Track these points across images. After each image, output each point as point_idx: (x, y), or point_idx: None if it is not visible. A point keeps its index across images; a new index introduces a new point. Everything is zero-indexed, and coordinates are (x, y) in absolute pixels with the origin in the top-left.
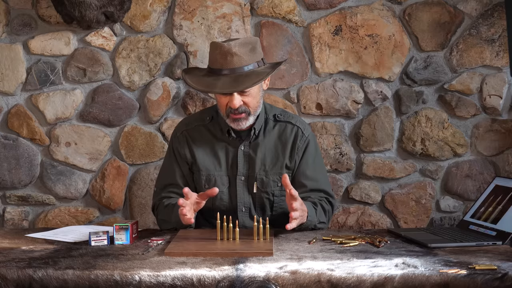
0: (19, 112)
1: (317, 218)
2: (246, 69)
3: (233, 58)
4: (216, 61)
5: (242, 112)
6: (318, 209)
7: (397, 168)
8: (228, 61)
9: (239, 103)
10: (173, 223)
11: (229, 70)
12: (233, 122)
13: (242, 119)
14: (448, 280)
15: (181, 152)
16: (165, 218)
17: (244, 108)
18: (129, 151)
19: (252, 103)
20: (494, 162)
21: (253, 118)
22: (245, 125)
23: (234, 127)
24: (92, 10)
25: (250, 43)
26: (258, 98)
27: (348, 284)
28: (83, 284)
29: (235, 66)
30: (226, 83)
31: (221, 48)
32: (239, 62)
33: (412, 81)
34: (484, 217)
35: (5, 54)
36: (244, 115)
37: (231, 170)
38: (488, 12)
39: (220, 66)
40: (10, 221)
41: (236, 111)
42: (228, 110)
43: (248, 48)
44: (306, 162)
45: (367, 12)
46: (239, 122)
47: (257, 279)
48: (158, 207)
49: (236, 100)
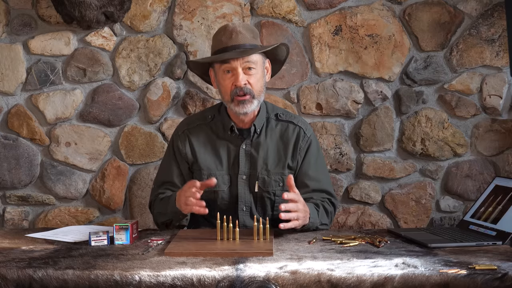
0: (19, 112)
1: (319, 219)
2: (249, 46)
3: (238, 36)
4: (221, 42)
5: (247, 94)
6: (320, 210)
7: (397, 168)
8: (233, 38)
9: (244, 80)
10: (169, 214)
11: (234, 47)
12: (238, 105)
13: (247, 101)
14: (448, 280)
15: (181, 151)
16: (161, 210)
17: (249, 89)
18: (129, 151)
19: (256, 86)
20: (494, 162)
21: (257, 103)
22: (250, 108)
23: (239, 111)
24: (92, 10)
25: (252, 30)
26: (261, 83)
27: (348, 284)
28: (83, 284)
29: (240, 43)
30: (232, 55)
31: (226, 28)
32: (243, 39)
33: (412, 81)
34: (484, 217)
35: (5, 54)
36: (249, 97)
37: (232, 169)
38: (488, 12)
39: (225, 44)
40: (10, 221)
41: (241, 91)
42: (233, 92)
43: (251, 31)
44: (308, 162)
45: (367, 12)
46: (244, 104)
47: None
48: (154, 202)
49: (241, 76)
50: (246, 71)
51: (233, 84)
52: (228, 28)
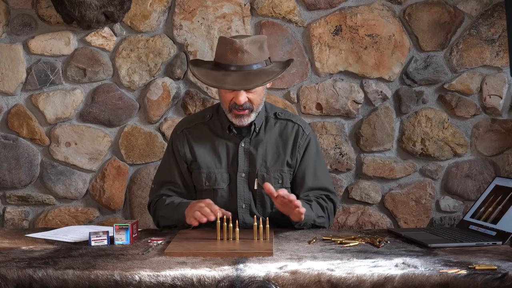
0: (19, 112)
1: (314, 212)
2: (255, 67)
3: (244, 55)
4: (226, 57)
5: (246, 109)
6: (313, 204)
7: (397, 168)
8: (238, 58)
9: (245, 99)
10: (174, 220)
11: (238, 67)
12: (235, 117)
13: (245, 115)
14: (448, 280)
15: (180, 151)
16: (166, 215)
17: (248, 105)
18: (129, 151)
19: (256, 101)
20: (494, 162)
21: (255, 115)
22: (247, 121)
23: (236, 123)
24: (92, 10)
25: (259, 41)
26: (262, 96)
27: (348, 284)
28: (83, 284)
29: (245, 64)
30: (236, 80)
31: (233, 45)
32: (249, 59)
33: (412, 81)
34: (484, 217)
35: (5, 54)
36: (247, 112)
37: (231, 166)
38: (488, 12)
39: (230, 62)
40: (10, 221)
41: (240, 108)
42: (231, 105)
43: (257, 46)
44: (307, 160)
45: (367, 12)
46: (242, 118)
47: (257, 279)
48: (156, 203)
49: (242, 97)
50: (248, 90)
51: (233, 100)
52: (234, 45)
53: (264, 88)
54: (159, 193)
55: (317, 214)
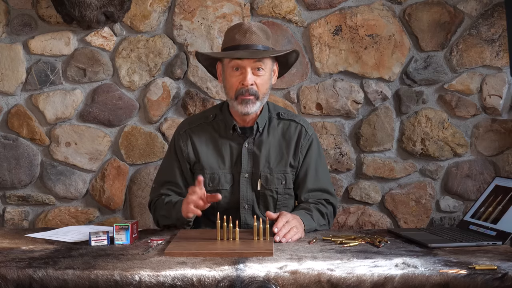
0: (19, 112)
1: (316, 222)
2: (262, 48)
3: (252, 36)
4: (234, 39)
5: (252, 94)
6: (314, 213)
7: (397, 168)
8: (247, 38)
9: (252, 80)
10: (173, 219)
11: (246, 46)
12: (240, 104)
13: (250, 101)
14: (448, 280)
15: (183, 151)
16: (166, 214)
17: (254, 90)
18: (129, 151)
19: (262, 87)
20: (494, 162)
21: (259, 105)
22: (252, 109)
23: (241, 110)
24: (92, 10)
25: (266, 31)
26: (267, 85)
27: (348, 284)
28: (83, 284)
29: (253, 43)
30: (244, 54)
31: (241, 26)
32: (257, 40)
33: (412, 81)
34: (484, 217)
35: (5, 54)
36: (253, 98)
37: (235, 167)
38: (488, 12)
39: (238, 42)
40: (10, 221)
41: (246, 92)
42: (238, 91)
43: (265, 33)
44: (309, 160)
45: (367, 12)
46: (247, 104)
47: (257, 279)
48: (156, 203)
49: (250, 76)
50: (255, 71)
51: (240, 82)
52: (243, 26)
53: (270, 78)
54: (160, 193)
55: (319, 224)
